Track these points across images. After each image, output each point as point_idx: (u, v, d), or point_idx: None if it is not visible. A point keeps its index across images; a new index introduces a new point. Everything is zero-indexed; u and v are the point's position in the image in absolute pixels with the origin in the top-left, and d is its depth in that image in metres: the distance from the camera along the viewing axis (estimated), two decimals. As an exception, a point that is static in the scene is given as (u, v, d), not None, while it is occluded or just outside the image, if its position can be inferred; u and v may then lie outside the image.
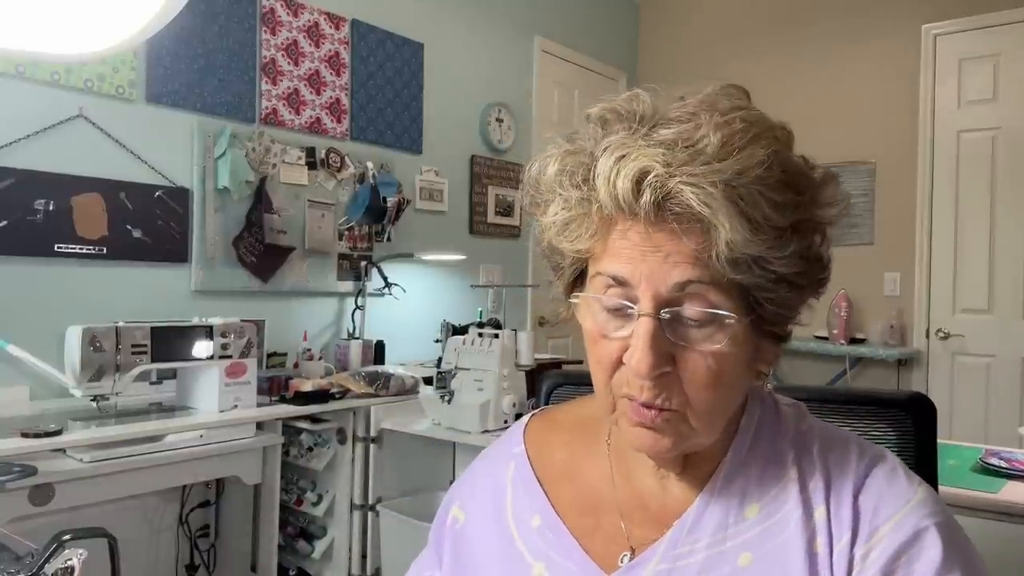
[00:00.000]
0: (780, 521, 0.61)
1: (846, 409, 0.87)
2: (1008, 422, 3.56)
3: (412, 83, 3.54)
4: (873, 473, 0.62)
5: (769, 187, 0.54)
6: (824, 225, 0.59)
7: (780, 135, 0.58)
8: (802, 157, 0.59)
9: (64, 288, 2.40)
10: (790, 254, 0.55)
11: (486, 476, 0.75)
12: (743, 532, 0.62)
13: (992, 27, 3.72)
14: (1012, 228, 3.67)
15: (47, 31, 0.94)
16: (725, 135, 0.54)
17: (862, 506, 0.60)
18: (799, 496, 0.62)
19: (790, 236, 0.55)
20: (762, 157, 0.54)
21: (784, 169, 0.55)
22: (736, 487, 0.63)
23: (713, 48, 4.66)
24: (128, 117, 2.56)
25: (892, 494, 0.60)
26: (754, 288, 0.56)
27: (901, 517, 0.59)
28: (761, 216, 0.53)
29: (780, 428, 0.66)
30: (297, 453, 2.67)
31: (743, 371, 0.60)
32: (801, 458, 0.64)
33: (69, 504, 1.88)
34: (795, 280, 0.57)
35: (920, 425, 0.84)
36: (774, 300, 0.57)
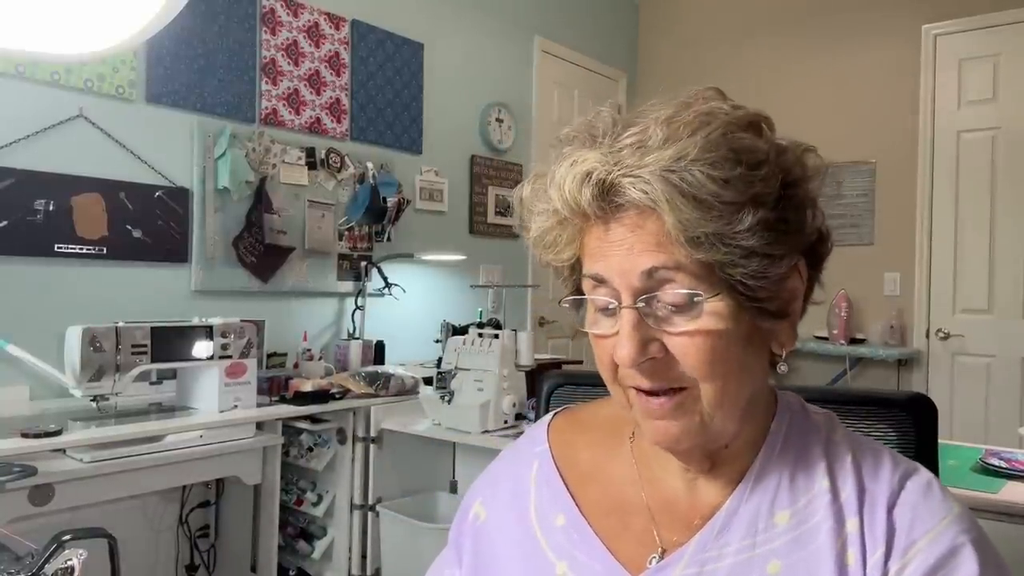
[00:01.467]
0: (811, 530, 0.60)
1: (847, 409, 0.86)
2: (1008, 422, 3.56)
3: (412, 83, 3.54)
4: (908, 486, 0.61)
5: (713, 165, 0.55)
6: (797, 192, 0.59)
7: (733, 117, 0.58)
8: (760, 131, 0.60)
9: (64, 288, 2.40)
10: (751, 227, 0.55)
11: (508, 474, 0.75)
12: (773, 539, 0.61)
13: (992, 27, 3.72)
14: (1012, 228, 3.67)
15: (47, 31, 0.94)
16: (672, 128, 0.57)
17: (897, 520, 0.59)
18: (831, 506, 0.61)
19: (749, 209, 0.55)
20: (701, 139, 0.55)
21: (732, 147, 0.56)
22: (767, 492, 0.63)
23: (713, 48, 4.66)
24: (128, 117, 2.56)
25: (928, 509, 0.60)
26: (726, 265, 0.56)
27: (937, 533, 0.58)
28: (708, 194, 0.54)
29: (812, 435, 0.65)
30: (297, 453, 2.67)
31: (741, 350, 0.59)
32: (834, 467, 0.63)
33: (69, 504, 1.87)
34: (767, 251, 0.56)
35: (921, 425, 0.84)
36: (749, 274, 0.56)
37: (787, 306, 0.61)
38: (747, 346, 0.59)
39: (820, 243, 0.63)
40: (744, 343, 0.59)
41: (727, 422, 0.60)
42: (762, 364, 0.62)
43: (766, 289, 0.57)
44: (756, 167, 0.56)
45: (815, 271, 0.63)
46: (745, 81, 4.50)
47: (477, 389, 2.32)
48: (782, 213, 0.57)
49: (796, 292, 0.61)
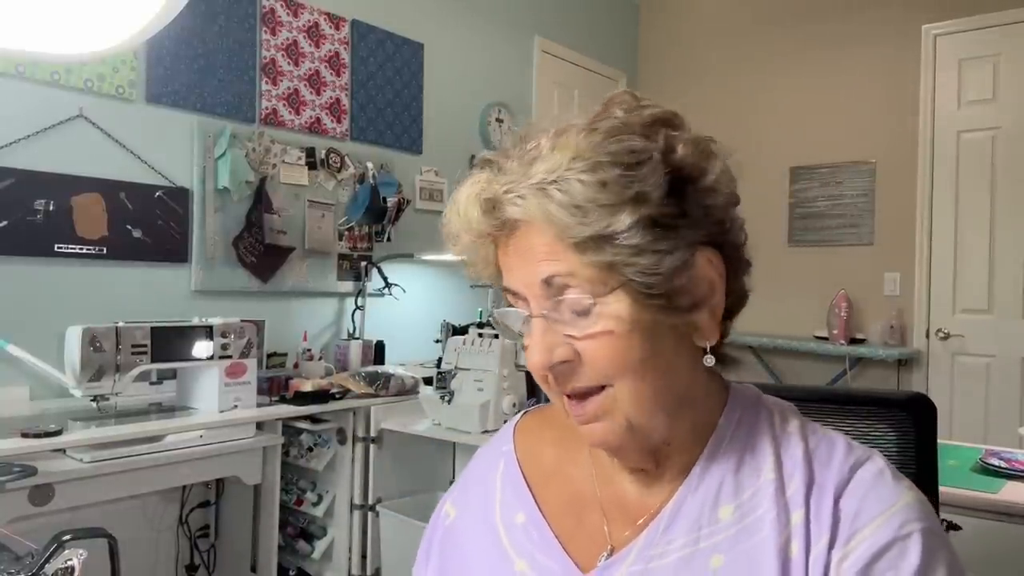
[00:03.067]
0: (755, 523, 0.60)
1: (846, 410, 0.87)
2: (1008, 422, 3.55)
3: (412, 83, 3.54)
4: (858, 475, 0.60)
5: (589, 170, 0.56)
6: (691, 186, 0.59)
7: (627, 120, 0.60)
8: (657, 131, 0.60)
9: (64, 288, 2.40)
10: (632, 225, 0.56)
11: (477, 474, 0.77)
12: (716, 533, 0.61)
13: (992, 27, 3.72)
14: (1012, 228, 3.67)
15: (47, 31, 0.94)
16: (559, 139, 0.59)
17: (843, 509, 0.59)
18: (775, 497, 0.61)
19: (630, 209, 0.56)
20: (572, 152, 0.57)
21: (609, 151, 0.57)
22: (711, 487, 0.63)
23: (713, 48, 4.66)
24: (128, 117, 2.56)
25: (875, 497, 0.59)
26: (618, 264, 0.57)
27: (882, 521, 0.57)
28: (584, 199, 0.56)
29: (762, 428, 0.65)
30: (297, 453, 2.67)
31: (650, 347, 0.59)
32: (782, 459, 0.63)
33: (69, 504, 1.87)
34: (654, 247, 0.57)
35: (921, 425, 0.84)
36: (641, 270, 0.57)
37: (699, 300, 0.60)
38: (657, 342, 0.59)
39: (728, 233, 0.63)
40: (652, 339, 0.59)
41: (652, 419, 0.61)
42: (685, 359, 0.62)
43: (663, 284, 0.58)
44: (635, 167, 0.57)
45: (734, 261, 0.63)
46: (745, 81, 4.50)
47: (477, 389, 2.32)
48: (670, 208, 0.57)
49: (709, 285, 0.61)
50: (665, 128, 0.61)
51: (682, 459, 0.64)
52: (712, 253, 0.61)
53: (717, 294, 0.61)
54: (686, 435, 0.64)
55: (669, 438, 0.63)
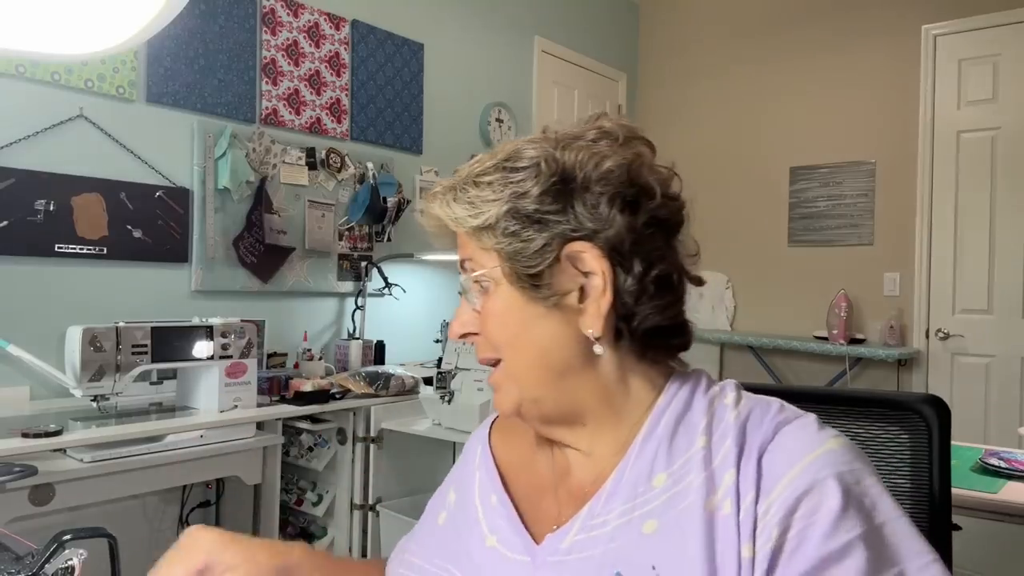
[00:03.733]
0: (685, 488, 0.63)
1: (858, 411, 0.86)
2: (1008, 422, 3.56)
3: (412, 83, 3.54)
4: (783, 431, 0.63)
5: (476, 179, 0.70)
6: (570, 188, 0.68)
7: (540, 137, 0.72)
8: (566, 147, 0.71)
9: (64, 288, 2.40)
10: (506, 214, 0.67)
11: (464, 459, 0.85)
12: (651, 501, 0.65)
13: (992, 27, 3.72)
14: (1012, 228, 3.67)
15: (47, 31, 0.94)
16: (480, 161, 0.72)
17: (766, 464, 0.61)
18: (704, 462, 0.64)
19: (507, 203, 0.68)
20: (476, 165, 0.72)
21: (500, 159, 0.70)
22: (646, 459, 0.67)
23: (713, 48, 4.66)
24: (128, 117, 2.56)
25: (796, 447, 0.61)
26: (500, 251, 0.68)
27: (800, 469, 0.59)
28: (472, 197, 0.69)
29: (697, 403, 0.69)
30: (297, 453, 2.67)
31: (526, 325, 0.68)
32: (713, 427, 0.66)
33: (69, 504, 1.87)
34: (524, 235, 0.67)
35: (935, 427, 0.83)
36: (513, 254, 0.68)
37: (571, 289, 0.67)
38: (532, 322, 0.68)
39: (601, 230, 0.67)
40: (527, 319, 0.68)
41: (536, 390, 0.69)
42: (568, 341, 0.68)
43: (531, 268, 0.67)
44: (515, 171, 0.69)
45: (625, 270, 0.68)
46: (745, 81, 4.50)
47: (477, 389, 2.32)
48: (547, 206, 0.67)
49: (587, 279, 0.67)
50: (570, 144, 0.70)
51: (619, 439, 0.70)
52: (585, 246, 0.66)
53: (596, 287, 0.67)
54: (628, 416, 0.70)
55: (574, 413, 0.70)
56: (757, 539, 0.59)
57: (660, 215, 0.69)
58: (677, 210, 0.72)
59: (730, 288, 4.54)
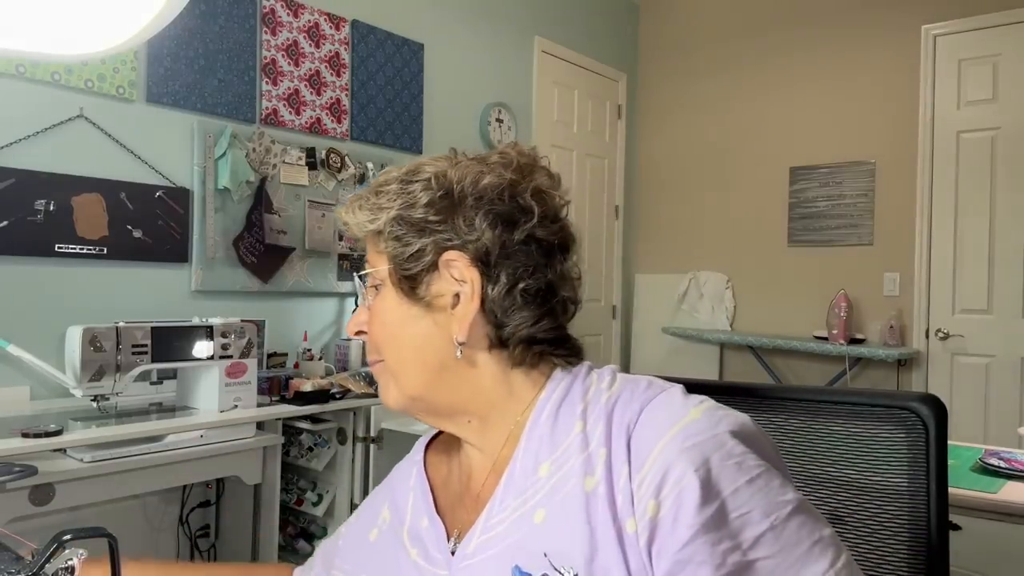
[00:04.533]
0: (565, 474, 0.66)
1: (856, 410, 0.86)
2: (1008, 422, 3.56)
3: (412, 83, 3.54)
4: (649, 405, 0.65)
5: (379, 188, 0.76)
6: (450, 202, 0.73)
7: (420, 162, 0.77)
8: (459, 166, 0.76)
9: (64, 288, 2.40)
10: (392, 220, 0.73)
11: (399, 478, 0.87)
12: (538, 491, 0.67)
13: (992, 27, 3.72)
14: (1012, 228, 3.67)
15: (47, 31, 0.94)
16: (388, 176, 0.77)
17: (634, 443, 0.63)
18: (580, 446, 0.66)
19: (395, 211, 0.73)
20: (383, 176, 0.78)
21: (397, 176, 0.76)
22: (531, 452, 0.69)
23: (713, 48, 4.66)
24: (128, 117, 2.56)
25: (661, 420, 0.63)
26: (387, 255, 0.74)
27: (668, 440, 0.61)
28: (371, 205, 0.75)
29: (575, 391, 0.71)
30: (297, 453, 2.67)
31: (403, 326, 0.74)
32: (588, 411, 0.68)
33: (69, 504, 1.87)
34: (406, 240, 0.73)
35: (931, 426, 0.83)
36: (394, 257, 0.73)
37: (443, 295, 0.72)
38: (409, 324, 0.73)
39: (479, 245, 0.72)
40: (404, 320, 0.74)
41: (414, 387, 0.74)
42: (438, 342, 0.73)
43: (408, 271, 0.72)
44: (411, 183, 0.74)
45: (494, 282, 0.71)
46: (745, 81, 4.50)
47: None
48: (430, 216, 0.72)
49: (460, 287, 0.71)
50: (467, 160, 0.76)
51: (506, 437, 0.73)
52: (458, 255, 0.71)
53: (465, 294, 0.71)
54: (488, 410, 0.73)
55: (456, 408, 0.74)
56: (636, 513, 0.60)
57: (537, 234, 0.72)
58: (557, 231, 0.75)
59: (730, 288, 4.54)
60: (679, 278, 4.74)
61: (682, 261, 4.76)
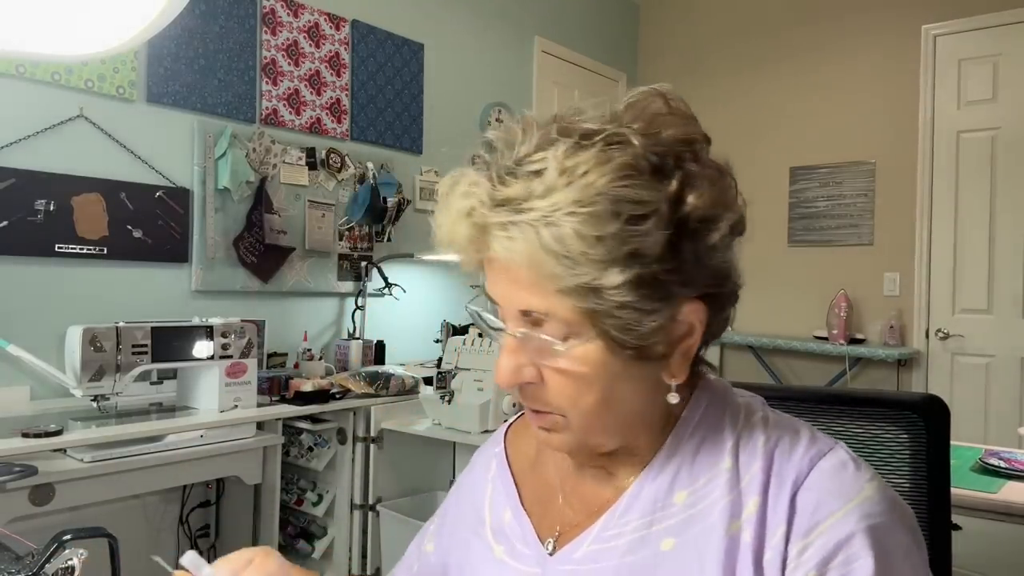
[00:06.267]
0: (706, 508, 0.61)
1: (858, 411, 0.86)
2: (1008, 422, 3.55)
3: (412, 83, 3.54)
4: (819, 467, 0.60)
5: (587, 221, 0.53)
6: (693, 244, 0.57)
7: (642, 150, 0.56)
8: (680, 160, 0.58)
9: (64, 288, 2.40)
10: (621, 284, 0.54)
11: (475, 476, 0.81)
12: (669, 517, 0.62)
13: (992, 27, 3.72)
14: (1012, 228, 3.67)
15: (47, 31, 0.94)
16: (567, 167, 0.55)
17: (800, 503, 0.59)
18: (730, 485, 0.61)
19: (623, 266, 0.54)
20: (583, 189, 0.54)
21: (615, 198, 0.54)
22: (668, 475, 0.64)
23: (713, 48, 4.66)
24: (128, 117, 2.56)
25: (835, 489, 0.59)
26: (600, 315, 0.56)
27: (842, 515, 0.57)
28: (575, 252, 0.53)
29: (724, 420, 0.66)
30: (297, 453, 2.67)
31: (613, 387, 0.59)
32: (741, 447, 0.63)
33: (69, 504, 1.88)
34: (639, 306, 0.56)
35: (934, 428, 0.83)
36: (621, 326, 0.56)
37: (671, 348, 0.60)
38: (619, 385, 0.60)
39: (724, 285, 0.61)
40: (615, 383, 0.59)
41: (602, 441, 0.64)
42: (646, 394, 0.62)
43: (640, 339, 0.57)
44: (638, 221, 0.54)
45: (720, 302, 0.62)
46: (745, 81, 4.50)
47: (477, 389, 2.32)
48: (664, 266, 0.55)
49: (685, 334, 0.60)
50: (681, 166, 0.57)
51: (646, 450, 0.66)
52: (698, 306, 0.59)
53: (694, 339, 0.61)
54: (646, 435, 0.66)
55: (628, 447, 0.66)
56: None
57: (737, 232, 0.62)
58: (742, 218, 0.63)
59: (730, 288, 4.54)
60: (679, 278, 4.73)
61: (682, 261, 4.75)
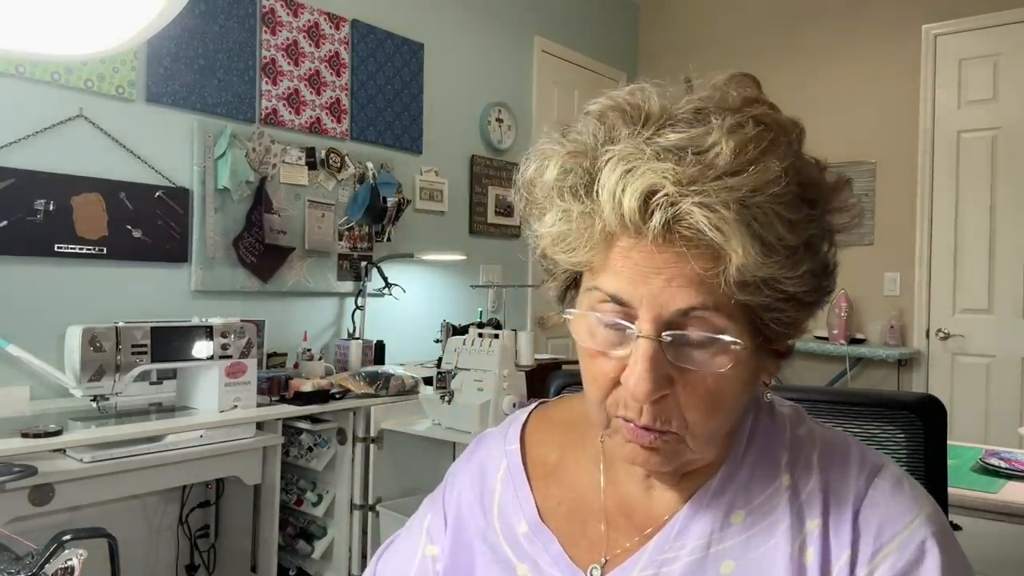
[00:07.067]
0: (766, 529, 0.59)
1: (855, 410, 0.86)
2: (1008, 422, 3.56)
3: (412, 83, 3.54)
4: (876, 485, 0.59)
5: (785, 205, 0.50)
6: (834, 233, 0.57)
7: (795, 139, 0.55)
8: (815, 160, 0.57)
9: (64, 288, 2.40)
10: (803, 273, 0.52)
11: (480, 467, 0.73)
12: (727, 539, 0.60)
13: (992, 27, 3.72)
14: (1012, 228, 3.67)
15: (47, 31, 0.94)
16: (738, 143, 0.51)
17: (863, 523, 0.58)
18: (790, 503, 0.59)
19: (803, 254, 0.52)
20: (778, 171, 0.50)
21: (800, 182, 0.52)
22: (726, 495, 0.61)
23: (713, 48, 4.66)
24: (128, 117, 2.56)
25: (896, 510, 0.58)
26: (762, 308, 0.53)
27: (906, 536, 0.56)
28: (775, 237, 0.50)
29: (776, 433, 0.63)
30: (297, 453, 2.67)
31: (744, 391, 0.57)
32: (796, 464, 0.61)
33: (69, 504, 1.88)
34: (804, 298, 0.54)
35: (931, 428, 0.83)
36: (780, 320, 0.54)
37: (792, 347, 0.60)
38: (747, 386, 0.57)
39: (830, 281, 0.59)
40: (747, 384, 0.57)
41: (710, 454, 0.60)
42: (751, 396, 0.61)
43: (788, 335, 0.56)
44: (815, 206, 0.53)
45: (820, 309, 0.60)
46: (745, 81, 4.50)
47: (477, 389, 2.32)
48: (825, 256, 0.55)
49: (804, 332, 0.59)
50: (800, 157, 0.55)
51: (703, 467, 0.62)
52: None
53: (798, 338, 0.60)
54: None
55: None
56: None
57: None
58: None
59: (730, 288, 4.54)
60: (679, 278, 4.73)
61: (682, 261, 4.75)
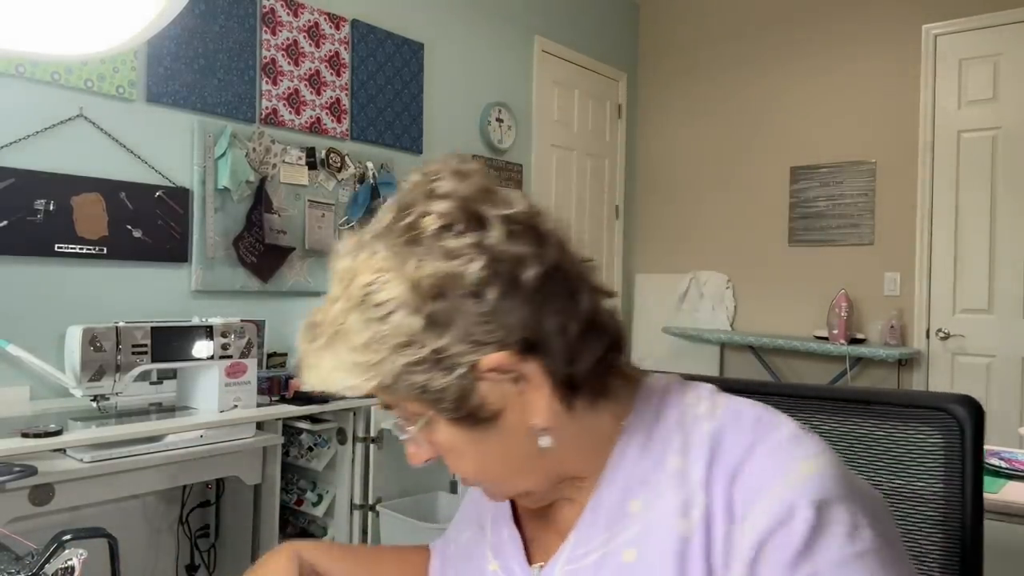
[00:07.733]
0: (660, 513, 0.61)
1: (890, 411, 0.83)
2: (1008, 422, 3.55)
3: (412, 83, 3.54)
4: (756, 451, 0.59)
5: (347, 338, 0.59)
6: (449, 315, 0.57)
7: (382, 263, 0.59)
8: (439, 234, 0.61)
9: (64, 288, 2.40)
10: (402, 370, 0.58)
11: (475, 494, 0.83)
12: (628, 528, 0.62)
13: (992, 27, 3.72)
14: (1012, 228, 3.67)
15: (47, 31, 0.94)
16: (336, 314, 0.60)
17: (737, 489, 0.58)
18: (679, 485, 0.61)
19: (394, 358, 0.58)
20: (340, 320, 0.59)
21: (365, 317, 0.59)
22: (619, 486, 0.64)
23: (713, 48, 4.66)
24: (128, 117, 2.56)
25: (771, 471, 0.57)
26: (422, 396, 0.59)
27: (775, 496, 0.56)
28: (352, 363, 0.59)
29: (668, 419, 0.65)
30: (297, 453, 2.67)
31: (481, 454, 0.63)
32: (688, 445, 0.62)
33: (69, 504, 1.87)
34: (431, 384, 0.58)
35: (969, 428, 0.80)
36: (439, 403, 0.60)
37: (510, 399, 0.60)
38: (485, 447, 0.62)
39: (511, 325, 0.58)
40: (479, 448, 0.62)
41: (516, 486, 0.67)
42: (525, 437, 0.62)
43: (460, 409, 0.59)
44: (383, 321, 0.58)
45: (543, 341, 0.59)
46: (745, 81, 4.50)
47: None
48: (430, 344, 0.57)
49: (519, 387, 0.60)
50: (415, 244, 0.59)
51: (592, 472, 0.67)
52: (496, 359, 0.58)
53: (530, 385, 0.60)
54: (583, 459, 0.66)
55: (568, 477, 0.67)
56: (731, 568, 0.57)
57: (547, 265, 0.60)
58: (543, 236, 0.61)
59: (730, 288, 4.54)
60: (679, 278, 4.73)
61: (682, 261, 4.76)
